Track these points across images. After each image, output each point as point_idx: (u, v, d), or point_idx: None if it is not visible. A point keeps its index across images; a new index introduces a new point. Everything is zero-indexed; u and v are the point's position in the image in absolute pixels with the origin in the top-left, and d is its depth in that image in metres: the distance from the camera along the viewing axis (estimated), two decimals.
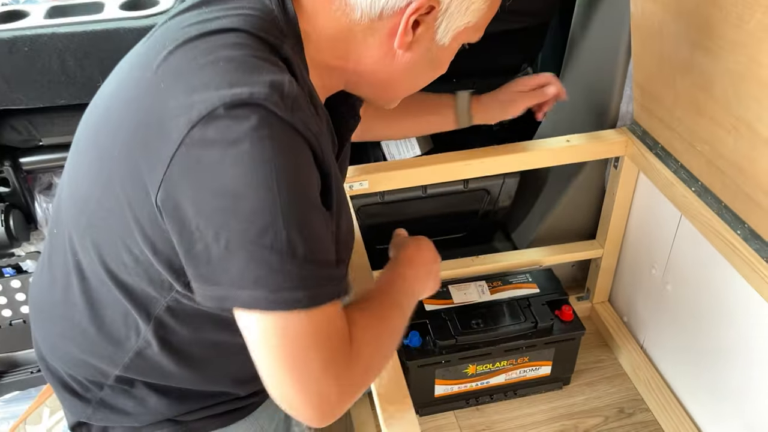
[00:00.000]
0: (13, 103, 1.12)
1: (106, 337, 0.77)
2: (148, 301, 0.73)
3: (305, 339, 0.64)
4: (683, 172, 1.18)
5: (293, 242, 0.62)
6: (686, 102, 1.09)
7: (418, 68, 0.75)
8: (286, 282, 0.62)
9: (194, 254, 0.63)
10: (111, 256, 0.71)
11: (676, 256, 1.28)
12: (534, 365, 1.36)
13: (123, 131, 0.67)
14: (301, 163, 0.63)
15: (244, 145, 0.59)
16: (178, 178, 0.61)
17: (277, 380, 0.65)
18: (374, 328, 0.74)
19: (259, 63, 0.63)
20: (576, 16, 1.42)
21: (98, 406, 0.82)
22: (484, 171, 1.28)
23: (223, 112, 0.59)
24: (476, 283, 1.38)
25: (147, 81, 0.67)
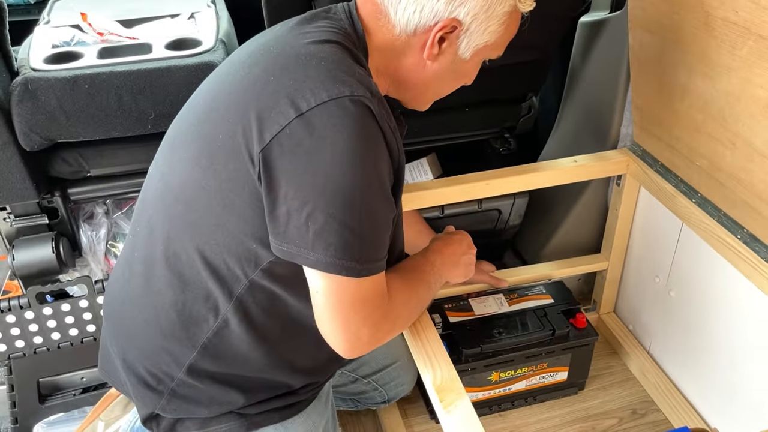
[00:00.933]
0: (72, 136, 1.20)
1: (186, 320, 0.87)
2: (233, 280, 0.84)
3: (355, 297, 0.81)
4: (683, 186, 1.30)
5: (363, 222, 0.77)
6: (685, 122, 1.22)
7: (444, 77, 0.91)
8: (352, 253, 0.77)
9: (277, 215, 0.76)
10: (205, 235, 0.83)
11: (678, 264, 1.39)
12: (552, 371, 1.46)
13: (231, 117, 0.79)
14: (380, 156, 0.77)
15: (342, 136, 0.73)
16: (279, 152, 0.74)
17: (327, 321, 0.83)
18: (404, 293, 0.91)
19: (354, 67, 0.78)
20: (576, 47, 1.55)
21: (171, 397, 0.91)
22: (498, 191, 1.38)
23: (327, 104, 0.73)
24: (494, 296, 1.48)
25: (254, 76, 0.80)
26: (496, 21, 0.85)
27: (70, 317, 1.32)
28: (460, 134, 1.62)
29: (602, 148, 1.49)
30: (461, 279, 1.10)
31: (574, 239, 1.62)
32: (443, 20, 0.83)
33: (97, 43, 1.30)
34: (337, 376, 1.26)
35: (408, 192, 1.32)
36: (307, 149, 0.73)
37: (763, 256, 1.12)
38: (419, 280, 0.98)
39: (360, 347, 0.86)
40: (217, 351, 0.88)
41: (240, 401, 0.93)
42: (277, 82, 0.77)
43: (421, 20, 0.83)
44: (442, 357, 0.96)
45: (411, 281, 0.95)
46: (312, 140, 0.73)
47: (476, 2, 0.83)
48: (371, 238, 0.79)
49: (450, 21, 0.83)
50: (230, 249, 0.82)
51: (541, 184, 1.41)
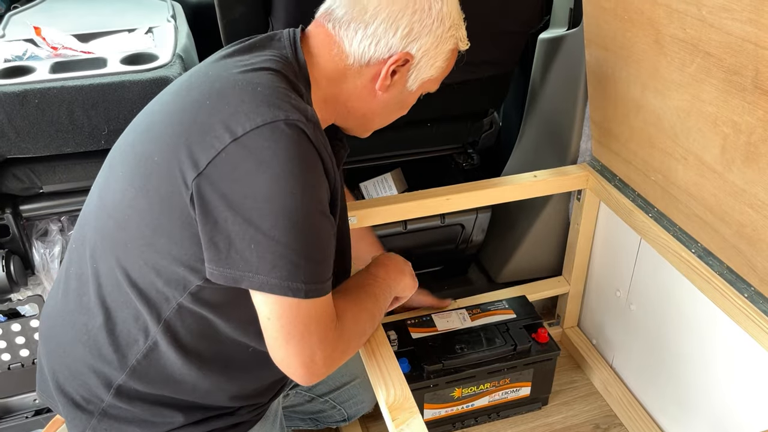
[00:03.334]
0: (21, 152, 1.18)
1: (116, 340, 0.86)
2: (160, 302, 0.83)
3: (306, 320, 0.81)
4: (640, 200, 1.31)
5: (307, 243, 0.77)
6: (640, 137, 1.23)
7: (390, 107, 0.95)
8: (297, 275, 0.77)
9: (216, 240, 0.76)
10: (133, 255, 0.82)
11: (638, 278, 1.40)
12: (515, 386, 1.45)
13: (166, 138, 0.79)
14: (318, 178, 0.79)
15: (278, 158, 0.74)
16: (216, 177, 0.74)
17: (281, 347, 0.82)
18: (352, 311, 0.91)
19: (289, 93, 0.79)
20: (536, 64, 1.57)
21: (101, 417, 0.89)
22: (459, 206, 1.38)
23: (262, 128, 0.74)
24: (457, 312, 1.47)
25: (192, 100, 0.80)
26: (442, 57, 0.92)
27: (21, 337, 1.29)
28: (423, 149, 1.63)
29: (562, 163, 1.50)
30: (409, 289, 1.10)
31: (537, 254, 1.63)
32: (397, 54, 0.87)
33: (50, 57, 1.27)
34: (291, 395, 1.24)
35: (368, 207, 1.32)
36: (244, 172, 0.74)
37: (717, 270, 1.13)
38: (366, 294, 0.98)
39: (316, 371, 0.85)
40: (147, 373, 0.87)
41: (178, 420, 0.91)
42: (212, 106, 0.77)
43: (376, 52, 0.87)
44: (395, 375, 0.95)
45: (357, 298, 0.95)
46: (248, 164, 0.73)
47: (428, 39, 0.89)
48: (316, 259, 0.80)
49: (403, 55, 0.88)
50: (158, 271, 0.81)
51: (501, 199, 1.41)
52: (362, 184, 1.72)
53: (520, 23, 1.36)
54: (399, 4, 0.86)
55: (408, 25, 0.86)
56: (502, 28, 1.32)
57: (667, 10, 1.00)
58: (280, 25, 1.16)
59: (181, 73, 1.23)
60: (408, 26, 0.87)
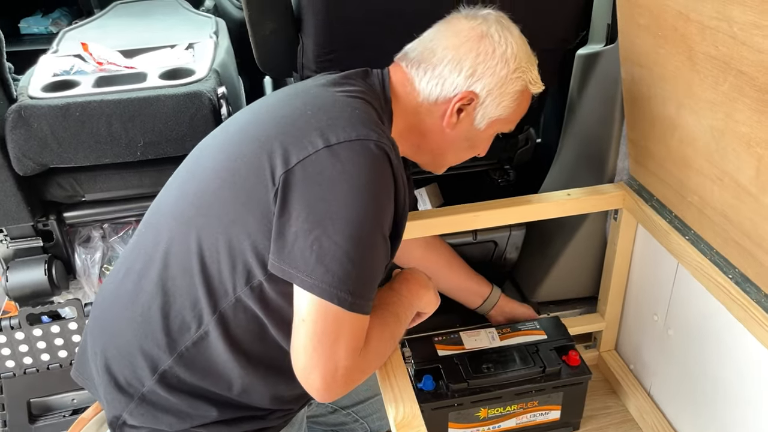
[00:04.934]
0: (63, 162, 1.24)
1: (169, 324, 0.89)
2: (221, 292, 0.87)
3: (340, 330, 0.83)
4: (677, 222, 1.26)
5: (365, 258, 0.82)
6: (676, 156, 1.19)
7: (460, 144, 1.01)
8: (348, 285, 0.81)
9: (285, 234, 0.81)
10: (208, 239, 0.86)
11: (675, 303, 1.35)
12: (543, 409, 1.41)
13: (262, 137, 0.86)
14: (388, 201, 0.84)
15: (363, 172, 0.80)
16: (302, 176, 0.80)
17: (307, 352, 0.83)
18: (376, 331, 0.92)
19: (378, 121, 0.87)
20: (573, 80, 1.54)
21: (140, 401, 0.92)
22: (491, 222, 1.37)
23: (355, 143, 0.80)
24: (486, 330, 1.45)
25: (292, 107, 0.88)
26: (509, 97, 0.98)
27: (60, 339, 1.34)
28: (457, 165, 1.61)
29: (599, 181, 1.46)
30: (431, 305, 1.09)
31: (572, 273, 1.59)
32: (461, 92, 0.94)
33: (95, 72, 1.34)
34: (315, 405, 1.25)
35: None
36: (328, 178, 0.79)
37: (754, 298, 1.07)
38: (390, 314, 0.98)
39: (335, 388, 0.85)
40: (193, 361, 0.89)
41: (212, 414, 0.93)
42: (312, 116, 0.84)
43: (443, 92, 0.95)
44: (407, 393, 0.95)
45: (382, 319, 0.95)
46: (334, 171, 0.79)
47: (491, 79, 0.96)
48: (368, 276, 0.83)
49: (468, 93, 0.95)
50: (227, 258, 0.85)
51: (532, 216, 1.39)
52: None
53: (556, 40, 1.33)
54: (465, 48, 0.95)
55: (472, 66, 0.95)
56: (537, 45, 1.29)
57: (700, 26, 0.96)
58: (310, 42, 1.18)
59: (214, 87, 1.27)
60: (472, 67, 0.95)
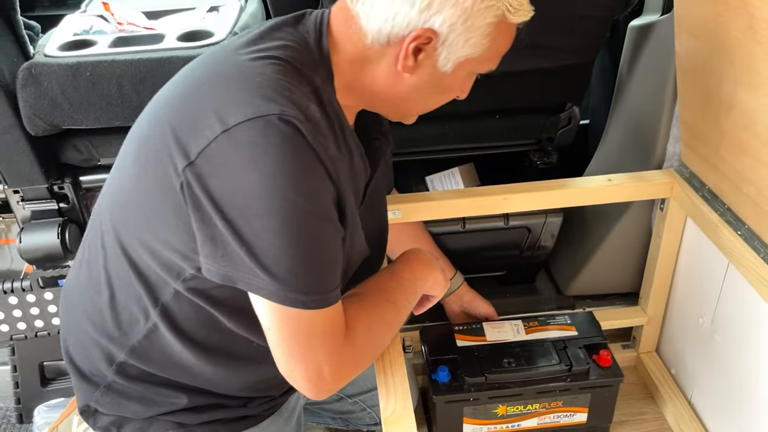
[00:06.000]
0: (74, 123, 1.20)
1: (119, 317, 0.84)
2: (159, 285, 0.80)
3: (309, 331, 0.75)
4: (730, 215, 1.13)
5: (306, 250, 0.72)
6: (731, 141, 1.05)
7: (424, 91, 0.83)
8: (296, 284, 0.72)
9: (210, 237, 0.72)
10: (133, 235, 0.79)
11: (723, 305, 1.21)
12: (569, 411, 1.31)
13: (165, 119, 0.76)
14: (316, 180, 0.72)
15: (269, 155, 0.68)
16: (206, 170, 0.70)
17: (284, 359, 0.77)
18: (365, 320, 0.84)
19: (291, 87, 0.73)
20: (624, 54, 1.40)
21: (106, 390, 0.88)
22: (521, 207, 1.26)
23: (253, 121, 0.68)
24: (512, 322, 1.35)
25: (193, 83, 0.77)
26: (479, 33, 0.77)
27: None
28: (492, 144, 1.51)
29: (646, 167, 1.33)
30: (440, 287, 0.99)
31: (612, 267, 1.46)
32: (417, 30, 0.76)
33: (114, 32, 1.30)
34: None
35: (415, 201, 1.23)
36: (234, 169, 0.69)
37: None
38: (386, 300, 0.89)
39: (324, 386, 0.80)
40: (148, 354, 0.84)
41: (182, 402, 0.88)
42: (208, 92, 0.74)
43: (394, 29, 0.76)
44: (401, 386, 0.87)
45: (374, 306, 0.87)
46: (238, 159, 0.69)
47: (453, 11, 0.75)
48: (318, 267, 0.74)
49: (424, 31, 0.76)
50: (154, 253, 0.78)
51: (567, 202, 1.27)
52: (428, 177, 1.62)
53: (602, 7, 1.20)
54: None
55: None
56: (580, 12, 1.17)
57: None
58: (328, 1, 1.10)
59: None
60: None
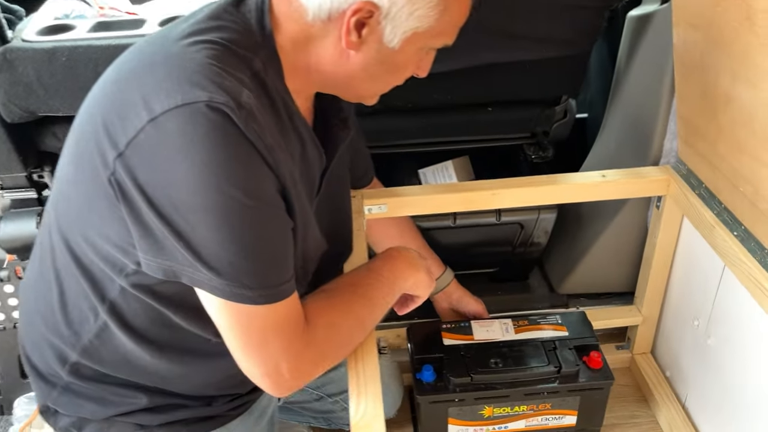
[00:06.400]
0: (51, 110, 1.17)
1: (69, 317, 0.81)
2: (105, 282, 0.77)
3: (263, 327, 0.73)
4: (726, 215, 1.08)
5: (248, 243, 0.68)
6: (728, 138, 1.00)
7: (373, 69, 0.77)
8: (240, 279, 0.68)
9: (146, 232, 0.69)
10: (74, 233, 0.76)
11: (718, 308, 1.17)
12: (557, 413, 1.27)
13: (96, 109, 0.73)
14: (254, 170, 0.68)
15: (199, 145, 0.64)
16: (135, 162, 0.66)
17: (241, 356, 0.75)
18: (330, 315, 0.81)
19: (223, 73, 0.68)
20: (623, 45, 1.36)
21: (63, 390, 0.85)
22: (511, 202, 1.22)
23: (180, 110, 0.64)
24: (501, 321, 1.31)
25: (126, 69, 0.73)
26: (424, 4, 0.71)
27: None
28: (485, 137, 1.47)
29: (643, 163, 1.28)
30: (423, 287, 0.95)
31: (606, 265, 1.42)
32: (357, 3, 0.70)
33: (95, 17, 1.26)
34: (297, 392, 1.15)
35: (401, 195, 1.19)
36: (163, 161, 0.65)
37: None
38: (358, 296, 0.85)
39: (283, 383, 0.77)
40: (101, 353, 0.81)
41: (141, 402, 0.85)
42: (138, 79, 0.69)
43: (334, 3, 0.71)
44: (372, 389, 0.83)
45: (342, 301, 0.84)
46: (167, 150, 0.65)
47: None
48: (264, 260, 0.70)
49: (364, 4, 0.70)
50: (96, 248, 0.75)
51: (558, 199, 1.23)
52: (421, 170, 1.58)
53: None
54: None
55: None
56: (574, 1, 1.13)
57: None
58: None
59: None
60: None
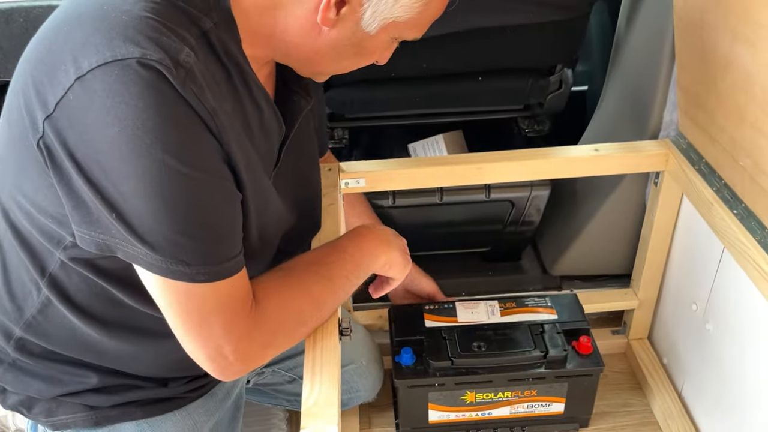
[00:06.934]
0: (8, 74, 1.11)
1: (12, 290, 0.76)
2: (44, 254, 0.72)
3: (202, 307, 0.67)
4: (726, 192, 1.00)
5: (185, 217, 0.62)
6: (728, 105, 0.92)
7: (342, 50, 0.72)
8: (177, 255, 0.63)
9: (76, 203, 0.63)
10: (7, 202, 0.71)
11: (717, 292, 1.09)
12: (544, 400, 1.21)
13: (27, 70, 0.66)
14: (188, 134, 0.61)
15: (129, 106, 0.58)
16: (63, 124, 0.60)
17: (180, 335, 0.70)
18: (282, 295, 0.75)
19: (161, 29, 0.61)
20: (622, 12, 1.27)
21: (9, 366, 0.81)
22: (497, 177, 1.15)
23: (109, 66, 0.58)
24: (487, 303, 1.24)
25: (56, 22, 0.66)
26: None
27: None
28: (476, 109, 1.39)
29: (641, 136, 1.20)
30: (398, 267, 0.89)
31: (601, 246, 1.34)
32: None
33: None
34: (268, 374, 1.10)
35: (389, 169, 1.12)
36: (92, 123, 0.59)
37: None
38: (316, 275, 0.79)
39: (228, 367, 0.71)
40: (46, 330, 0.76)
41: (91, 381, 0.80)
42: (68, 32, 0.63)
43: None
44: (329, 371, 0.77)
45: (297, 280, 0.78)
46: (95, 111, 0.58)
47: None
48: (201, 236, 0.64)
49: None
50: (31, 218, 0.69)
51: (547, 174, 1.16)
52: (411, 145, 1.51)
53: None
54: None
55: None
56: None
57: None
58: None
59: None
60: None
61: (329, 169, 1.12)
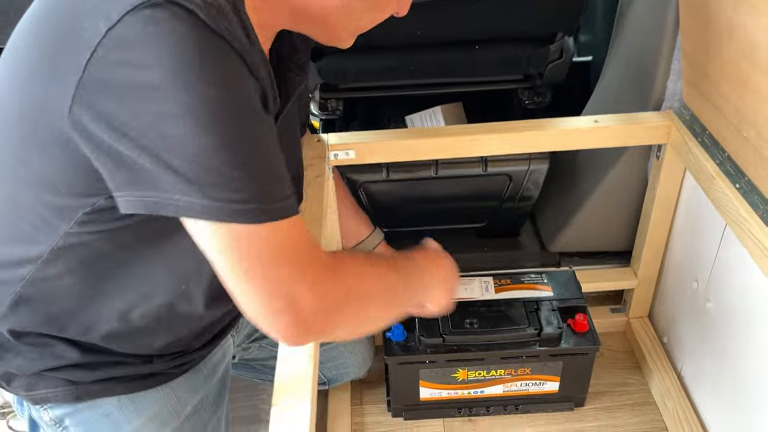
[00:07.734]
0: None
1: None
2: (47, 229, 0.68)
3: (274, 248, 0.61)
4: (730, 165, 0.96)
5: (239, 151, 0.58)
6: (731, 73, 0.87)
7: (354, 7, 0.69)
8: (241, 192, 0.58)
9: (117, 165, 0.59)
10: (10, 166, 0.66)
11: (719, 269, 1.05)
12: (538, 379, 1.18)
13: (43, 39, 0.61)
14: (228, 66, 0.58)
15: (167, 46, 0.54)
16: (97, 87, 0.56)
17: (245, 291, 0.61)
18: (363, 270, 0.72)
19: None
20: None
21: None
22: (492, 149, 1.11)
23: (140, 12, 0.54)
24: (481, 279, 1.21)
25: None
26: None
27: None
28: (474, 79, 1.34)
29: (644, 107, 1.15)
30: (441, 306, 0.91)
31: (601, 222, 1.30)
32: None
33: None
34: (254, 349, 1.08)
35: (379, 140, 1.09)
36: (127, 70, 0.55)
37: None
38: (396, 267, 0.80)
39: (306, 320, 0.63)
40: (30, 305, 0.73)
41: (72, 356, 0.78)
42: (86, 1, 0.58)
43: None
44: (306, 349, 0.74)
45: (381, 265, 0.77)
46: (130, 59, 0.55)
47: None
48: (255, 169, 0.59)
49: None
50: (34, 189, 0.65)
51: (543, 146, 1.12)
52: (408, 117, 1.47)
53: None
54: None
55: None
56: None
57: None
58: None
59: None
60: None
61: (318, 140, 1.09)
